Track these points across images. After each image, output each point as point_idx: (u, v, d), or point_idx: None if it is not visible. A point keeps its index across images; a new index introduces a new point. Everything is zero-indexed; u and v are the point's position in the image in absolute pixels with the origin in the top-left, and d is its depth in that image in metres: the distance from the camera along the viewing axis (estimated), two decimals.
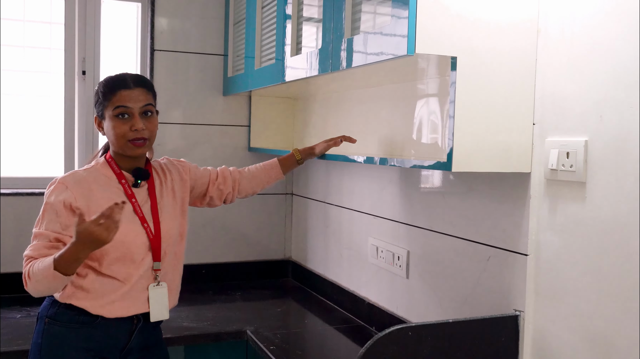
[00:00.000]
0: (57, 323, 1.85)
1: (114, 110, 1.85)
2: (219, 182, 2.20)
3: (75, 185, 1.83)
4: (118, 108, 1.84)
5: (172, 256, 1.98)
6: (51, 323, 1.86)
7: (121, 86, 1.86)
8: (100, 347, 1.87)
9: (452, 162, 1.59)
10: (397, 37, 1.58)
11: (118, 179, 1.91)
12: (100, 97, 1.88)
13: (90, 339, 1.85)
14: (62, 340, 1.85)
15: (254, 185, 2.29)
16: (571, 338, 1.57)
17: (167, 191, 2.01)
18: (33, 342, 1.89)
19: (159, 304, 1.93)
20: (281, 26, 2.39)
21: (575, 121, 1.56)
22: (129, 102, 1.85)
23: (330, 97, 2.80)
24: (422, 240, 2.16)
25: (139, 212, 1.90)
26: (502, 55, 1.63)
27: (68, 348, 1.85)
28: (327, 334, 2.46)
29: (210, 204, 2.22)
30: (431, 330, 1.62)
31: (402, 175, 2.29)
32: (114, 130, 1.85)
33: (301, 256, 3.20)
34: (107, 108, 1.86)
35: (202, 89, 3.11)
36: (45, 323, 1.86)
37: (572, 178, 1.55)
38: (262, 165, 2.32)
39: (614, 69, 1.46)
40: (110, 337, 1.89)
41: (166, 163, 2.08)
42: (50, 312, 1.86)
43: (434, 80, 2.07)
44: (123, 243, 1.85)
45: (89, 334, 1.85)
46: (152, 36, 3.00)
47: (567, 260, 1.58)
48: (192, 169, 2.14)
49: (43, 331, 1.86)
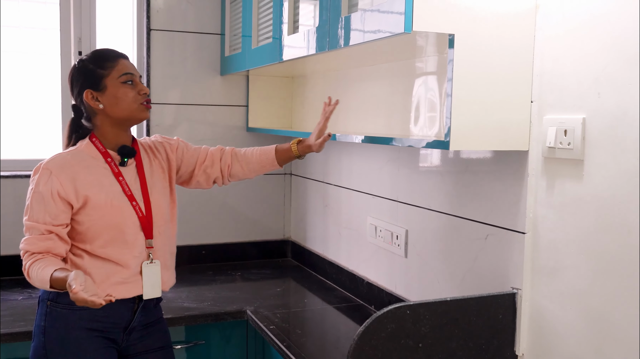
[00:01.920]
0: (59, 305, 1.85)
1: (120, 77, 1.86)
2: (206, 165, 2.11)
3: (60, 171, 1.83)
4: (125, 75, 1.87)
5: (164, 234, 1.98)
6: (53, 305, 1.86)
7: (119, 56, 1.90)
8: (103, 327, 1.89)
9: (450, 140, 1.59)
10: (394, 15, 1.57)
11: (104, 158, 1.89)
12: (95, 68, 1.86)
13: (93, 319, 1.86)
14: (66, 322, 1.86)
15: (247, 171, 2.15)
16: (568, 315, 1.58)
17: (157, 169, 2.00)
18: (36, 324, 1.90)
19: (152, 282, 1.94)
20: (278, 4, 2.37)
21: (573, 99, 1.55)
22: (131, 69, 1.90)
23: (328, 75, 2.79)
24: (421, 219, 2.16)
25: (127, 191, 1.89)
26: (500, 33, 1.61)
27: (72, 329, 1.86)
28: (327, 313, 2.48)
29: (198, 186, 2.16)
30: (429, 308, 1.63)
31: (400, 154, 2.28)
32: (126, 95, 1.86)
33: (300, 236, 3.21)
34: (109, 77, 1.86)
35: (199, 69, 3.09)
36: (47, 305, 1.87)
37: (570, 155, 1.55)
38: (258, 152, 2.14)
39: (612, 46, 1.45)
40: (113, 317, 1.90)
41: (155, 141, 2.07)
42: (52, 295, 1.86)
43: (432, 58, 2.06)
44: (114, 225, 1.86)
45: (92, 315, 1.86)
46: (148, 15, 2.98)
47: (564, 238, 1.58)
48: (180, 148, 2.09)
49: (46, 314, 1.87)
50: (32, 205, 1.82)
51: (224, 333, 2.46)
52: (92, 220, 1.85)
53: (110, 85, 1.86)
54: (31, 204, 1.82)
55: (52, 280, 1.71)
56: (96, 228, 1.85)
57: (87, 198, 1.83)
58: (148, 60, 2.98)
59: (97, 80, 1.86)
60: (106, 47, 1.94)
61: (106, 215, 1.85)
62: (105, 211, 1.85)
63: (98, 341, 1.88)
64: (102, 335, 1.89)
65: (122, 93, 1.86)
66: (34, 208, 1.82)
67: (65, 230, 1.84)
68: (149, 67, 2.99)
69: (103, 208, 1.85)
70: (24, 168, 2.87)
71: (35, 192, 1.82)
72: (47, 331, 1.86)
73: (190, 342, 2.41)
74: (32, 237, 1.81)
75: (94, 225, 1.85)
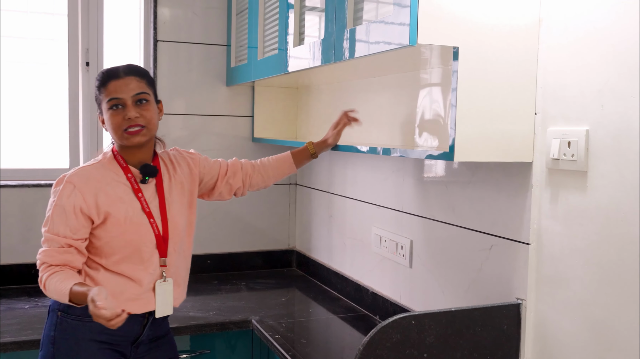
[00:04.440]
0: (69, 316, 1.86)
1: (107, 102, 1.84)
2: (229, 176, 2.16)
3: (83, 185, 1.83)
4: (111, 100, 1.84)
5: (179, 252, 1.98)
6: (64, 316, 1.86)
7: (111, 77, 1.85)
8: (113, 339, 1.89)
9: (454, 151, 1.60)
10: (399, 28, 1.59)
11: (125, 174, 1.89)
12: (96, 92, 1.88)
13: (103, 332, 1.85)
14: (75, 333, 1.86)
15: (266, 179, 2.24)
16: (572, 325, 1.59)
17: (176, 185, 1.99)
18: (45, 334, 1.90)
19: (164, 300, 1.94)
20: (284, 16, 2.39)
21: (576, 110, 1.56)
22: (120, 92, 1.83)
23: (333, 86, 2.81)
24: (425, 230, 2.17)
25: (145, 208, 1.89)
26: (504, 45, 1.63)
27: (82, 341, 1.86)
28: (332, 323, 2.48)
29: (220, 198, 2.19)
30: (434, 318, 1.64)
31: (405, 164, 2.30)
32: (110, 121, 1.85)
33: (305, 246, 3.22)
34: (102, 101, 1.86)
35: (205, 80, 3.12)
36: (57, 316, 1.87)
37: (574, 167, 1.56)
38: (274, 159, 2.26)
39: (614, 59, 1.46)
40: (123, 330, 1.87)
41: (175, 155, 2.06)
42: (63, 306, 1.86)
43: (436, 70, 2.07)
44: (131, 242, 1.86)
45: (101, 328, 1.83)
46: (155, 27, 3.00)
47: (568, 249, 1.59)
48: (201, 161, 2.11)
49: (56, 324, 1.87)
50: (53, 217, 1.82)
51: (229, 343, 2.47)
52: (110, 236, 1.85)
53: (103, 110, 1.87)
54: (52, 216, 1.82)
55: (71, 293, 1.71)
56: (113, 244, 1.85)
57: (108, 214, 1.83)
58: (154, 71, 3.01)
59: (98, 103, 1.90)
60: (111, 66, 1.90)
61: (125, 232, 1.85)
62: (124, 229, 1.85)
63: (107, 354, 1.89)
64: (110, 348, 1.89)
65: (108, 118, 1.85)
66: (54, 220, 1.82)
67: (84, 244, 1.84)
68: (155, 78, 3.01)
69: (122, 225, 1.85)
70: (30, 178, 2.89)
71: (57, 205, 1.82)
72: (57, 342, 1.86)
73: (196, 351, 2.42)
74: (50, 249, 1.82)
75: (112, 241, 1.85)
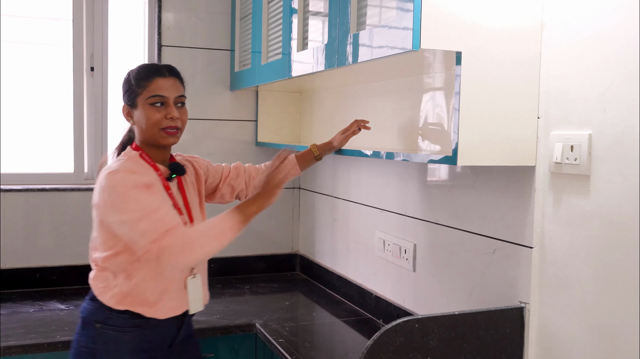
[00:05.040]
0: (110, 328, 1.84)
1: (149, 98, 1.82)
2: (231, 178, 2.17)
3: (138, 168, 1.81)
4: (154, 97, 1.82)
5: None
6: (104, 328, 1.84)
7: (157, 74, 1.84)
8: (152, 346, 1.88)
9: (457, 156, 1.60)
10: (402, 33, 1.60)
11: (155, 170, 1.87)
12: (134, 84, 1.84)
13: (143, 339, 1.86)
14: (118, 344, 1.84)
15: None
16: (576, 329, 1.59)
17: (189, 186, 2.01)
18: (81, 345, 1.87)
19: (196, 296, 1.94)
20: (287, 21, 2.40)
21: (579, 114, 1.57)
22: (165, 90, 1.83)
23: (337, 91, 2.82)
24: (429, 233, 2.18)
25: (177, 204, 1.89)
26: (506, 50, 1.64)
27: (123, 352, 1.85)
28: (335, 326, 2.48)
29: (222, 200, 2.20)
30: (437, 322, 1.64)
31: (408, 168, 2.30)
32: (148, 117, 1.82)
33: (309, 250, 3.22)
34: (141, 95, 1.83)
35: (209, 84, 3.13)
36: (96, 328, 1.84)
37: (577, 171, 1.56)
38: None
39: (617, 63, 1.47)
40: (162, 335, 1.90)
41: (180, 160, 2.07)
42: (101, 317, 1.84)
43: (439, 74, 2.08)
44: None
45: (142, 336, 1.86)
46: (159, 32, 3.02)
47: (571, 253, 1.60)
48: (204, 163, 2.13)
49: (95, 336, 1.84)
50: (137, 197, 1.72)
51: (233, 346, 2.47)
52: None
53: (140, 104, 1.83)
54: (131, 198, 1.72)
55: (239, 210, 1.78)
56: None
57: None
58: None
59: (132, 97, 1.85)
60: (152, 63, 1.89)
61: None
62: None
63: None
64: (150, 355, 1.88)
65: (146, 114, 1.82)
66: (140, 199, 1.73)
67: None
68: None
69: None
70: (35, 182, 2.91)
71: (127, 188, 1.73)
72: (97, 354, 1.84)
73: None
74: (163, 211, 1.73)
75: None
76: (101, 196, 1.76)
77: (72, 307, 2.60)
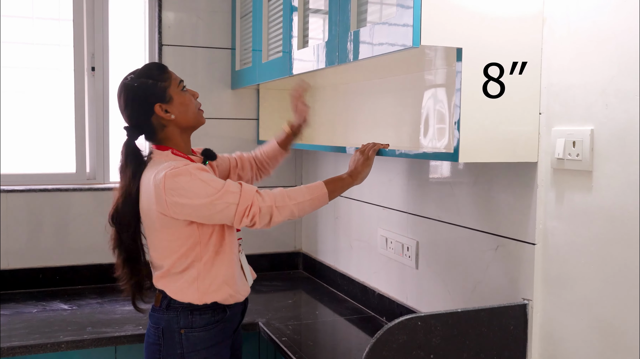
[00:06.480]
0: (194, 330, 1.87)
1: (179, 84, 1.90)
2: (239, 169, 2.25)
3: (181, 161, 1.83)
4: (181, 82, 1.90)
5: None
6: (188, 331, 1.87)
7: (162, 66, 1.92)
8: (228, 336, 1.96)
9: (459, 152, 1.60)
10: (402, 29, 1.59)
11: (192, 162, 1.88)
12: (156, 82, 1.85)
13: (223, 331, 1.92)
14: (205, 344, 1.89)
15: (264, 170, 2.33)
16: (579, 325, 1.58)
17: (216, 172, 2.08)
18: (166, 353, 1.88)
19: (247, 269, 2.05)
20: (288, 19, 2.40)
21: (580, 110, 1.56)
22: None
23: (338, 88, 2.81)
24: (431, 231, 2.17)
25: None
26: (507, 45, 1.63)
27: (211, 348, 1.90)
28: (338, 325, 2.48)
29: None
30: (440, 320, 1.64)
31: (410, 165, 2.30)
32: (190, 101, 1.91)
33: (311, 248, 3.22)
34: (171, 86, 1.88)
35: (210, 83, 3.13)
36: (181, 333, 1.86)
37: (579, 167, 1.56)
38: (266, 153, 2.31)
39: (619, 58, 1.46)
40: (234, 322, 1.98)
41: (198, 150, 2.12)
42: (184, 322, 1.87)
43: (441, 71, 2.08)
44: None
45: (222, 328, 1.92)
46: (160, 31, 3.02)
47: (574, 249, 1.59)
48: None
49: (181, 342, 1.87)
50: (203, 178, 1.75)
51: None
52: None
53: (174, 94, 1.87)
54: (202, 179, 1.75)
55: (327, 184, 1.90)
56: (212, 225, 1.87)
57: None
58: None
59: (162, 93, 1.86)
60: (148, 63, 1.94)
61: None
62: None
63: (229, 351, 1.97)
64: (226, 343, 1.95)
65: (187, 100, 1.90)
66: (207, 179, 1.76)
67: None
68: None
69: None
70: (37, 183, 2.91)
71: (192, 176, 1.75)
72: (187, 358, 1.88)
73: None
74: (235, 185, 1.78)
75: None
76: (165, 198, 1.75)
77: (75, 307, 2.60)
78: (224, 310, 1.93)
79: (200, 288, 1.86)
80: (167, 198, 1.75)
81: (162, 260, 1.88)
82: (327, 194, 1.91)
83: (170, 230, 1.83)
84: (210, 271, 1.87)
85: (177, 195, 1.75)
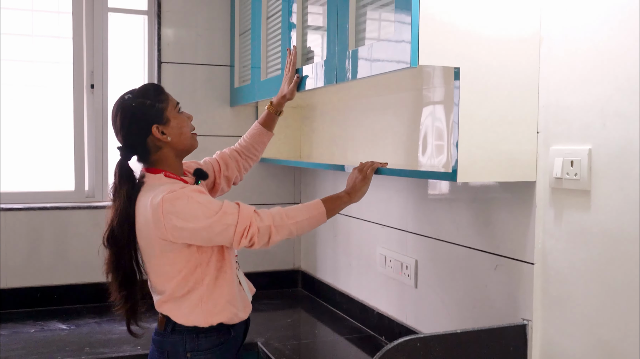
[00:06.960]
0: (201, 352, 1.85)
1: (175, 107, 1.89)
2: (223, 170, 2.22)
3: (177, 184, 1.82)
4: (178, 105, 1.90)
5: None
6: (195, 355, 1.85)
7: (160, 88, 1.91)
8: (233, 357, 1.94)
9: (457, 172, 1.59)
10: (400, 49, 1.59)
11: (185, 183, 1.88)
12: (153, 103, 1.84)
13: (228, 351, 1.91)
14: None
15: (253, 157, 2.32)
16: (579, 346, 1.57)
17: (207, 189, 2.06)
18: None
19: (246, 284, 2.03)
20: (286, 37, 2.40)
21: (578, 129, 1.56)
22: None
23: (336, 106, 2.81)
24: (430, 249, 2.16)
25: None
26: (505, 65, 1.63)
27: None
28: (338, 344, 2.46)
29: (221, 193, 2.24)
30: (440, 341, 1.62)
31: (409, 184, 2.29)
32: (185, 124, 1.90)
33: (310, 266, 3.21)
34: (168, 108, 1.86)
35: (209, 100, 3.13)
36: (187, 356, 1.85)
37: (577, 186, 1.55)
38: (250, 137, 2.31)
39: (616, 77, 1.46)
40: (238, 342, 1.96)
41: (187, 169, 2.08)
42: (190, 345, 1.85)
43: (439, 89, 2.07)
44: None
45: (227, 347, 1.91)
46: (159, 48, 3.03)
47: (573, 268, 1.58)
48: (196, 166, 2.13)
49: None
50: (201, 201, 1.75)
51: None
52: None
53: (171, 116, 1.86)
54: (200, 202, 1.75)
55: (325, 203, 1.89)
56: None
57: None
58: None
59: (159, 114, 1.84)
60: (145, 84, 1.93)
61: None
62: None
63: None
64: None
65: (183, 123, 1.89)
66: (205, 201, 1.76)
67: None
68: None
69: None
70: (36, 201, 2.90)
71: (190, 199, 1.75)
72: None
73: None
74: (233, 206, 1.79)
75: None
76: (164, 223, 1.74)
77: (73, 327, 2.59)
78: (229, 331, 1.91)
79: (205, 310, 1.85)
80: (165, 223, 1.74)
81: (163, 284, 1.86)
82: (326, 212, 1.90)
83: (171, 254, 1.81)
84: (213, 293, 1.86)
85: (175, 218, 1.73)
